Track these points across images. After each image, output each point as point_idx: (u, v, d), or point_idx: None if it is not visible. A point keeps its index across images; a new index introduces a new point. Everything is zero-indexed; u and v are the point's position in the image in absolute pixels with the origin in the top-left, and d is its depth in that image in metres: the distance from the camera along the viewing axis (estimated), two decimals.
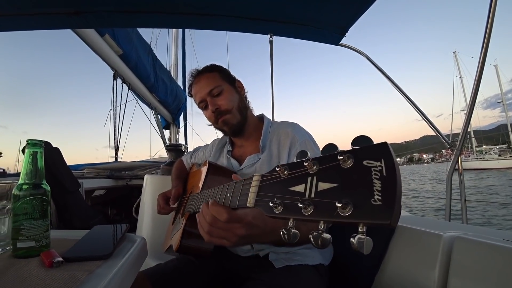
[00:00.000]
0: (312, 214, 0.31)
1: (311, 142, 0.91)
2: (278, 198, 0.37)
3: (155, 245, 1.43)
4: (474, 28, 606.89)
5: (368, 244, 0.27)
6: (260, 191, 0.42)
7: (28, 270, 0.47)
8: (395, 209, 0.25)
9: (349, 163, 0.30)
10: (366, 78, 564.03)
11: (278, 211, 0.36)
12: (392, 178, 0.26)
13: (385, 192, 0.26)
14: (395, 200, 0.25)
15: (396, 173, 0.26)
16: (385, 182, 0.26)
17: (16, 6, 1.40)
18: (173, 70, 4.88)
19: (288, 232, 0.35)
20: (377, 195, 0.26)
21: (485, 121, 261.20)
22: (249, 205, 0.43)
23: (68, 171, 1.97)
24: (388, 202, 0.26)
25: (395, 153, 0.29)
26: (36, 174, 0.56)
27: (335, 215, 0.29)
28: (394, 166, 0.26)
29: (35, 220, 0.54)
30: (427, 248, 0.78)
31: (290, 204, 0.35)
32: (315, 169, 0.33)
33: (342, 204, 0.28)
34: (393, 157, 0.27)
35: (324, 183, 0.32)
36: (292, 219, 0.35)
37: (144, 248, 0.63)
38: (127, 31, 2.53)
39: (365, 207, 0.27)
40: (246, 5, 1.57)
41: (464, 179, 1.65)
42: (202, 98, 0.97)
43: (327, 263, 0.91)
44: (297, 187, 0.35)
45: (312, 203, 0.32)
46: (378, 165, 0.27)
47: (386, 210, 0.25)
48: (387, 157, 0.27)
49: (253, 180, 0.44)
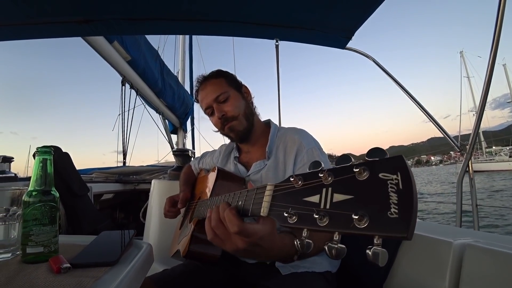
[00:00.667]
0: (327, 225, 0.32)
1: (317, 150, 0.90)
2: (292, 208, 0.37)
3: (162, 250, 1.43)
4: (481, 27, 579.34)
5: (384, 256, 0.27)
6: (274, 201, 0.42)
7: (36, 275, 0.47)
8: (411, 222, 0.25)
9: (364, 175, 0.30)
10: (372, 81, 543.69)
11: (293, 221, 0.36)
12: (408, 191, 0.26)
13: (401, 205, 0.26)
14: (412, 213, 0.26)
15: (413, 187, 0.26)
16: (401, 195, 0.27)
17: (29, 16, 1.45)
18: (180, 75, 4.94)
19: (301, 242, 0.36)
20: (393, 208, 0.27)
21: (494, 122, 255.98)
22: (262, 214, 0.43)
23: (77, 176, 2.00)
24: (405, 215, 0.26)
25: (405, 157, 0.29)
26: (45, 180, 0.57)
27: (352, 227, 0.29)
28: (411, 179, 0.27)
29: (44, 226, 0.54)
30: (437, 256, 0.76)
31: (304, 214, 0.35)
32: (330, 180, 0.34)
33: (358, 216, 0.29)
34: (409, 170, 0.27)
35: (339, 195, 0.32)
36: (306, 229, 0.35)
37: (150, 254, 0.64)
38: (135, 38, 2.57)
39: (382, 219, 0.27)
40: (252, 11, 1.58)
41: (475, 184, 1.61)
42: (208, 105, 0.98)
43: (334, 270, 0.90)
44: (312, 198, 0.35)
45: (327, 214, 0.32)
46: (394, 178, 0.28)
47: (403, 223, 0.26)
48: (403, 170, 0.28)
49: (267, 190, 0.44)
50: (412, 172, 0.28)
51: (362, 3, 1.46)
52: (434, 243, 0.78)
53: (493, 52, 1.30)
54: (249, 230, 0.50)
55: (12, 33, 1.61)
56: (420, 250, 0.82)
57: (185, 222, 1.05)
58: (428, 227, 0.98)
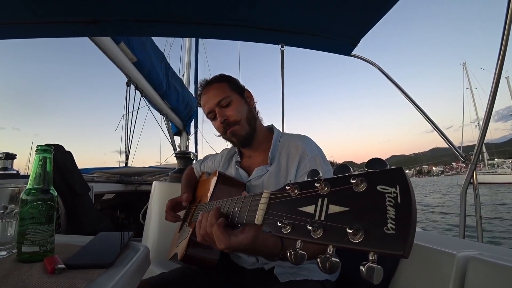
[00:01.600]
0: (321, 238, 0.31)
1: (320, 158, 0.89)
2: (286, 218, 0.36)
3: (160, 252, 1.42)
4: (484, 39, 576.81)
5: (378, 273, 0.26)
6: (269, 209, 0.41)
7: (30, 275, 0.47)
8: (409, 240, 0.24)
9: (362, 187, 0.29)
10: (376, 89, 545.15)
11: (286, 231, 0.35)
12: (407, 206, 0.25)
13: (399, 220, 0.25)
14: (410, 230, 0.24)
15: (412, 201, 0.25)
16: (399, 210, 0.25)
17: (37, 15, 1.46)
18: (185, 78, 4.97)
19: (295, 253, 0.34)
20: (390, 223, 0.25)
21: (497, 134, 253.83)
22: (256, 222, 0.42)
23: (79, 175, 2.01)
24: (402, 232, 0.25)
25: (404, 165, 0.28)
26: (44, 179, 0.56)
27: (345, 240, 0.28)
28: (410, 193, 0.25)
29: (41, 225, 0.54)
30: (440, 268, 0.74)
31: (298, 225, 0.34)
32: (327, 190, 0.32)
33: (353, 230, 0.27)
34: (409, 183, 0.26)
35: (335, 206, 0.31)
36: (300, 240, 0.34)
37: (147, 257, 0.63)
38: (142, 40, 2.60)
39: (377, 235, 0.26)
40: (259, 16, 1.59)
41: (479, 194, 1.59)
42: (210, 109, 0.97)
43: (334, 279, 0.88)
44: (307, 208, 0.34)
45: (321, 226, 0.31)
46: (392, 191, 0.26)
47: (400, 240, 0.24)
48: (402, 183, 0.26)
49: (262, 197, 0.43)
50: (412, 185, 0.26)
51: (368, 11, 1.46)
52: (437, 254, 0.77)
53: (499, 63, 1.29)
54: (234, 245, 0.54)
55: (20, 32, 1.63)
56: (422, 261, 0.80)
57: (184, 225, 1.04)
58: (431, 238, 0.96)
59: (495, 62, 1.32)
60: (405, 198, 0.25)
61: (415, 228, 0.25)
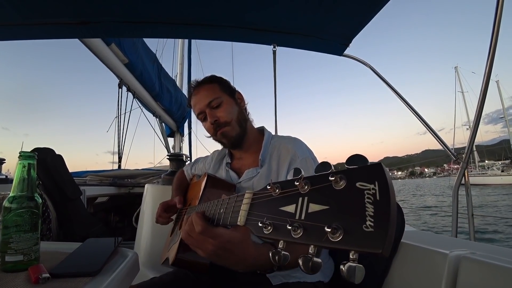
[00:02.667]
0: (301, 238, 0.30)
1: (311, 160, 0.89)
2: (268, 218, 0.35)
3: (153, 256, 1.40)
4: (475, 44, 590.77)
5: (360, 272, 0.25)
6: (252, 209, 0.40)
7: (14, 285, 0.45)
8: (387, 237, 0.23)
9: (341, 184, 0.28)
10: (369, 90, 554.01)
11: (268, 231, 0.34)
12: (386, 203, 0.24)
13: (377, 217, 0.24)
14: (388, 227, 0.23)
15: (390, 198, 0.24)
16: (378, 207, 0.25)
17: (26, 16, 1.44)
18: (178, 79, 4.94)
19: (278, 254, 0.33)
20: (369, 221, 0.25)
21: (487, 136, 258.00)
22: (239, 223, 0.41)
23: (70, 179, 1.97)
24: (381, 229, 0.24)
25: (396, 166, 0.27)
26: (28, 186, 0.55)
27: (324, 240, 0.27)
28: (389, 189, 0.25)
29: (25, 233, 0.52)
30: (432, 268, 0.74)
31: (279, 225, 0.33)
32: (307, 189, 0.32)
33: (331, 228, 0.27)
34: (388, 179, 0.25)
35: (315, 205, 0.30)
36: (282, 240, 0.33)
37: (135, 263, 0.61)
38: (133, 41, 2.57)
39: (356, 233, 0.25)
40: (251, 16, 1.58)
41: (471, 193, 1.60)
42: (201, 110, 0.97)
43: (327, 280, 0.88)
44: (288, 207, 0.33)
45: (301, 226, 0.30)
46: (371, 187, 0.26)
47: (378, 237, 0.24)
48: (381, 180, 0.26)
49: (245, 198, 0.42)
50: (391, 181, 0.26)
51: (360, 11, 1.46)
52: (429, 254, 0.77)
53: (488, 66, 1.31)
54: (214, 232, 0.53)
55: (9, 33, 1.60)
56: (415, 261, 0.81)
57: (176, 229, 1.03)
58: (423, 237, 0.97)
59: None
60: (384, 195, 0.25)
61: (394, 224, 0.24)
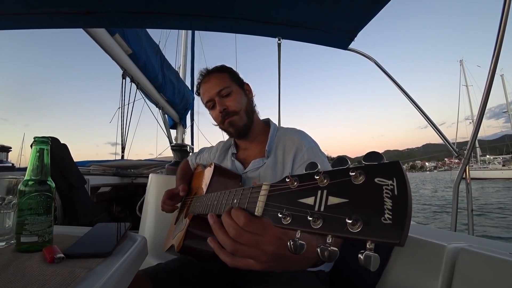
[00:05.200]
0: (321, 228, 0.32)
1: (317, 150, 0.90)
2: (287, 209, 0.37)
3: (157, 244, 1.43)
4: (482, 37, 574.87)
5: (375, 261, 0.27)
6: (269, 201, 0.42)
7: (30, 264, 0.47)
8: (405, 229, 0.25)
9: (360, 179, 0.30)
10: (372, 84, 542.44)
11: (287, 222, 0.36)
12: (403, 198, 0.26)
13: (395, 211, 0.26)
14: (406, 220, 0.25)
15: (408, 193, 0.26)
16: (396, 201, 0.27)
17: (31, 6, 1.44)
18: (181, 70, 4.93)
19: (295, 243, 0.36)
20: (387, 214, 0.27)
21: (489, 131, 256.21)
22: (257, 213, 0.42)
23: (75, 168, 2.00)
24: (399, 222, 0.26)
25: (398, 160, 0.29)
26: (41, 170, 0.57)
27: (345, 230, 0.29)
28: (406, 185, 0.27)
29: (39, 216, 0.54)
30: (430, 259, 0.76)
31: (299, 216, 0.35)
32: (326, 182, 0.33)
33: (352, 220, 0.28)
34: (405, 176, 0.27)
35: (334, 198, 0.32)
36: (299, 231, 0.35)
37: (144, 247, 0.64)
38: (136, 31, 2.57)
39: (375, 225, 0.27)
40: (256, 8, 1.58)
41: (471, 189, 1.62)
42: (210, 98, 0.98)
43: (327, 269, 0.90)
44: (307, 200, 0.35)
45: (321, 217, 0.32)
46: (390, 183, 0.28)
47: (396, 229, 0.26)
48: (399, 176, 0.27)
49: (262, 189, 0.44)
50: (408, 178, 0.27)
51: (365, 5, 1.46)
52: (428, 246, 0.79)
53: (494, 59, 1.31)
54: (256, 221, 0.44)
55: (13, 22, 1.60)
56: (413, 253, 0.82)
57: (180, 217, 1.05)
58: (422, 230, 0.98)
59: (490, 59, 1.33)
60: (401, 190, 0.27)
61: (410, 218, 0.26)
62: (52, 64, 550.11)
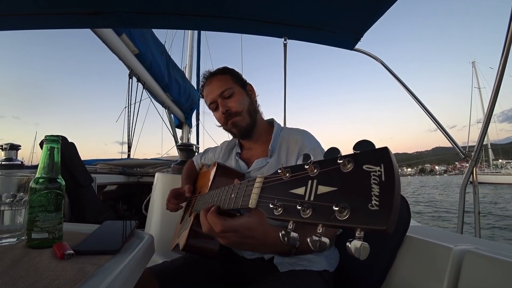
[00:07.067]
0: (310, 217, 0.32)
1: (319, 150, 0.91)
2: (278, 200, 0.37)
3: (162, 243, 1.45)
4: (494, 37, 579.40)
5: (365, 250, 0.27)
6: (263, 193, 0.43)
7: (40, 260, 0.49)
8: (392, 215, 0.25)
9: (349, 167, 0.30)
10: (379, 85, 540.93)
11: (278, 212, 0.36)
12: (390, 183, 0.26)
13: (382, 197, 0.26)
14: (393, 206, 0.25)
15: (395, 178, 0.26)
16: (383, 187, 0.26)
17: (40, 6, 1.46)
18: (187, 70, 4.95)
19: (287, 234, 0.35)
20: (374, 200, 0.26)
21: (502, 135, 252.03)
22: (250, 206, 0.43)
23: (82, 166, 2.03)
24: (385, 208, 0.25)
25: (406, 162, 0.28)
26: (52, 168, 0.58)
27: (332, 218, 0.29)
28: (394, 171, 0.26)
29: (50, 213, 0.56)
30: (436, 261, 0.76)
31: (289, 206, 0.35)
32: (316, 172, 0.34)
33: (339, 208, 0.28)
34: (393, 162, 0.27)
35: (323, 187, 0.32)
36: (292, 221, 0.35)
37: (151, 245, 0.65)
38: (143, 32, 2.59)
39: (362, 211, 0.27)
40: (262, 8, 1.58)
41: (478, 191, 1.60)
42: (213, 99, 0.99)
43: (332, 269, 0.90)
44: (298, 190, 0.35)
45: (310, 206, 0.32)
46: (377, 169, 0.27)
47: (383, 215, 0.25)
48: (387, 162, 0.27)
49: (256, 182, 0.45)
50: (396, 163, 0.27)
51: (372, 5, 1.45)
52: (434, 247, 0.78)
53: (503, 60, 1.29)
54: (233, 226, 0.56)
55: (22, 23, 1.63)
56: (419, 254, 0.82)
57: (186, 216, 1.06)
58: (428, 232, 0.98)
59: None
60: (389, 176, 0.26)
61: (398, 204, 0.26)
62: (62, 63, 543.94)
